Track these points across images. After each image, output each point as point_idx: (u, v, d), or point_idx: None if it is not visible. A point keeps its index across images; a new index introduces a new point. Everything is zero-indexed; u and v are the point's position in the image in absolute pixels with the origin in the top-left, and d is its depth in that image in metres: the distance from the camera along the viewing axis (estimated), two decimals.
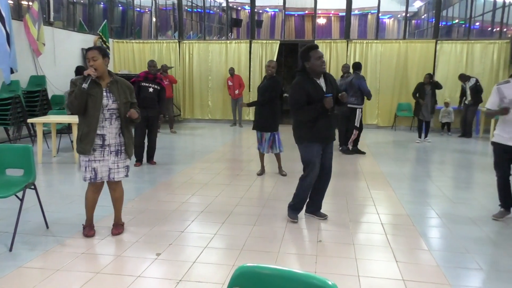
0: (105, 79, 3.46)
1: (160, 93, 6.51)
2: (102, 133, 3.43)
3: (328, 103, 3.69)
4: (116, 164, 3.51)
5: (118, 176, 3.55)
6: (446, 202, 4.83)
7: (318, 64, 3.74)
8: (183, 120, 12.72)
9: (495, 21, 12.37)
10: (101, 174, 3.49)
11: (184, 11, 14.04)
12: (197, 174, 6.07)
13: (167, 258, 3.21)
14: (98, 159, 3.45)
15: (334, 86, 3.92)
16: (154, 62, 6.66)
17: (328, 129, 3.88)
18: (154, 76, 6.53)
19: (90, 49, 3.43)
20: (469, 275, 3.01)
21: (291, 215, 4.08)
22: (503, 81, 4.11)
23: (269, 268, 1.41)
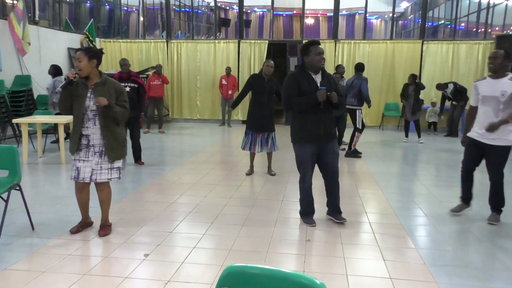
0: (93, 80, 3.44)
1: (138, 91, 6.31)
2: (86, 133, 3.45)
3: (321, 95, 3.64)
4: (99, 166, 3.48)
5: (100, 177, 3.50)
6: (432, 201, 4.89)
7: (317, 59, 3.73)
8: (171, 120, 12.66)
9: (480, 21, 12.57)
10: (83, 174, 3.46)
11: (172, 11, 13.97)
12: (186, 174, 6.04)
13: (156, 259, 3.19)
14: (82, 159, 3.46)
15: (331, 84, 3.85)
16: (126, 61, 6.46)
17: (319, 127, 3.76)
18: (128, 75, 6.31)
19: (78, 50, 3.45)
20: (455, 272, 3.05)
21: (305, 221, 4.00)
22: (480, 78, 4.21)
23: (257, 268, 1.42)
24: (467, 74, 11.07)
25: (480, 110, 4.05)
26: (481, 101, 3.99)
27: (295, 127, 3.88)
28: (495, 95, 3.88)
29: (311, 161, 3.86)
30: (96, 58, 3.42)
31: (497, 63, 3.88)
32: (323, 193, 4.14)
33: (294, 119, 3.91)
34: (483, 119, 3.98)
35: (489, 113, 3.93)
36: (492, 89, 3.92)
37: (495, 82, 3.93)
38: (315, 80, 3.79)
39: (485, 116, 3.96)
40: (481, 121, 4.01)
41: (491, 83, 3.95)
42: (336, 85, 3.96)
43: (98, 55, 3.47)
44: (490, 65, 3.95)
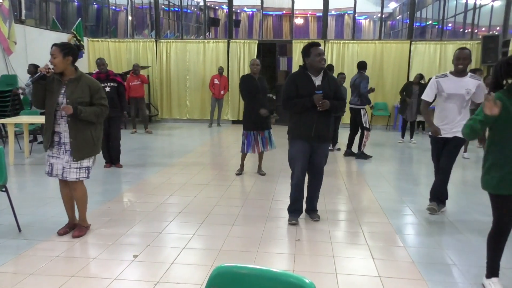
0: (68, 76, 3.38)
1: (118, 90, 6.20)
2: (58, 130, 3.42)
3: (317, 99, 3.70)
4: (69, 164, 3.42)
5: (70, 176, 3.43)
6: (421, 200, 4.93)
7: (317, 60, 3.76)
8: (160, 120, 12.59)
9: (466, 22, 12.73)
10: (56, 171, 3.47)
11: (160, 10, 13.88)
12: (175, 174, 6.01)
13: (145, 260, 3.17)
14: (55, 156, 3.46)
15: (331, 87, 3.86)
16: (103, 60, 6.34)
17: (311, 127, 3.79)
18: (107, 74, 6.21)
19: (53, 45, 3.35)
20: (443, 270, 3.09)
21: (289, 217, 4.04)
22: (441, 75, 4.21)
23: (246, 268, 1.42)
24: None
25: (442, 106, 4.12)
26: (445, 98, 4.07)
27: (291, 125, 3.96)
28: (461, 93, 4.00)
29: (301, 158, 3.89)
30: (71, 55, 3.36)
31: (466, 64, 4.02)
32: None
33: (290, 117, 3.98)
34: (447, 114, 4.08)
35: (454, 110, 4.06)
36: (457, 87, 4.01)
37: (459, 80, 4.03)
38: (314, 82, 3.82)
39: (449, 112, 4.07)
40: (443, 117, 4.11)
41: (456, 81, 4.04)
42: (336, 87, 3.95)
43: (74, 52, 3.39)
44: (460, 66, 4.02)
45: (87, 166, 3.49)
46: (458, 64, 4.03)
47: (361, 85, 7.23)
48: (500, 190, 2.62)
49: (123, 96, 6.33)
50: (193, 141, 9.31)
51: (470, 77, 4.05)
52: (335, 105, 3.85)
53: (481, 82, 4.08)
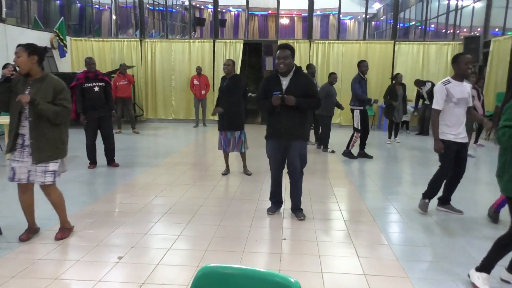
0: (33, 77, 3.31)
1: (105, 90, 6.15)
2: (22, 132, 3.31)
3: (274, 100, 3.84)
4: (34, 168, 3.31)
5: (37, 179, 3.33)
6: (405, 198, 5.00)
7: (276, 64, 3.93)
8: (146, 120, 12.48)
9: (448, 23, 12.96)
10: (19, 175, 3.33)
11: (145, 9, 13.77)
12: (161, 174, 5.97)
13: (130, 261, 3.14)
14: (17, 159, 3.33)
15: (298, 86, 3.90)
16: (92, 59, 6.28)
17: (279, 126, 3.94)
18: (95, 74, 6.14)
19: (18, 46, 3.28)
20: (426, 266, 3.14)
21: (268, 208, 4.34)
22: (445, 81, 4.16)
23: (231, 268, 1.41)
24: (436, 74, 11.38)
25: (452, 111, 4.11)
26: (455, 103, 4.09)
27: (266, 125, 4.19)
28: (465, 97, 4.09)
29: (273, 155, 4.12)
30: (36, 54, 3.28)
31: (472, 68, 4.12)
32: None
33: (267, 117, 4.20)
34: (457, 120, 4.12)
35: (462, 114, 4.13)
36: (461, 91, 4.08)
37: (461, 85, 4.11)
38: (282, 83, 3.94)
39: (459, 118, 4.11)
40: (454, 122, 4.12)
41: (459, 86, 4.10)
42: (307, 85, 3.96)
43: (39, 51, 3.32)
44: (469, 70, 4.08)
45: (53, 170, 3.36)
46: (468, 69, 4.07)
47: (352, 86, 7.20)
48: None
49: (110, 95, 6.29)
50: (179, 141, 9.25)
51: (465, 82, 4.17)
52: (302, 102, 3.88)
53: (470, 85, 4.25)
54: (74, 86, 6.05)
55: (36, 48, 3.32)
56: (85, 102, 6.02)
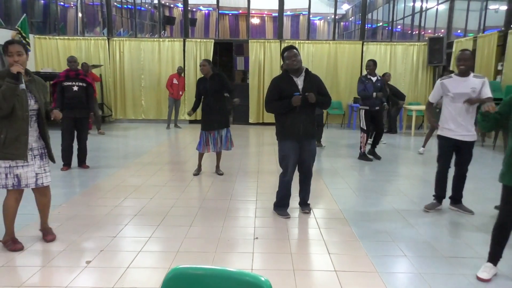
0: (26, 76, 3.23)
1: (87, 91, 6.10)
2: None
3: (295, 101, 3.85)
4: (42, 169, 3.31)
5: (46, 180, 3.35)
6: (374, 195, 5.11)
7: (289, 62, 3.95)
8: (114, 120, 12.21)
9: (414, 24, 13.35)
10: (26, 180, 3.20)
11: (113, 7, 13.46)
12: (130, 176, 5.85)
13: (98, 266, 3.06)
14: (22, 165, 3.17)
15: (313, 85, 4.00)
16: (74, 58, 6.18)
17: (298, 126, 3.96)
18: (76, 73, 6.06)
19: (13, 43, 3.13)
20: (394, 261, 3.22)
21: (279, 212, 4.24)
22: (446, 76, 4.39)
23: (201, 269, 1.40)
24: (403, 74, 11.71)
25: (449, 107, 4.21)
26: (452, 98, 4.17)
27: (278, 126, 4.11)
28: (467, 92, 4.11)
29: (292, 157, 4.07)
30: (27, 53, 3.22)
31: (467, 65, 4.14)
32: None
33: (277, 119, 4.13)
34: (454, 115, 4.18)
35: (461, 110, 4.15)
36: (462, 86, 4.14)
37: (463, 80, 4.16)
38: (296, 82, 3.98)
39: (457, 113, 4.17)
40: (452, 118, 4.19)
41: (460, 81, 4.16)
42: (320, 85, 4.09)
43: (28, 50, 3.27)
44: (461, 66, 4.13)
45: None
46: (459, 65, 4.14)
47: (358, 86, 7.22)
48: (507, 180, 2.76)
49: (92, 97, 6.26)
50: (149, 142, 9.10)
51: (473, 77, 4.17)
52: (321, 100, 4.01)
53: (485, 80, 4.17)
54: (55, 83, 6.03)
55: (26, 46, 3.26)
56: (64, 101, 5.94)
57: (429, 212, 4.41)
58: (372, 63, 7.18)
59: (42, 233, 3.51)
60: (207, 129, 5.73)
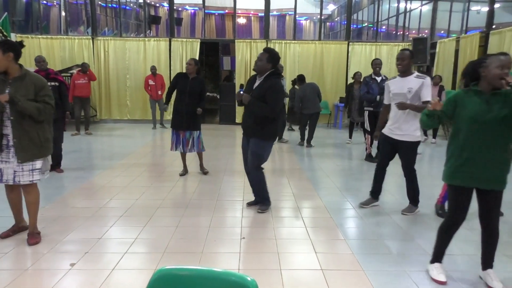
0: (13, 75, 3.20)
1: (60, 90, 5.83)
2: (6, 133, 3.23)
3: (236, 96, 4.24)
4: (20, 167, 3.27)
5: (23, 179, 3.29)
6: (359, 194, 5.15)
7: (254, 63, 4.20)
8: (99, 120, 12.07)
9: (398, 25, 13.51)
10: (6, 176, 3.28)
11: (97, 6, 13.30)
12: (116, 177, 5.79)
13: (83, 268, 3.02)
14: (4, 160, 3.26)
15: (261, 89, 4.04)
16: (43, 57, 6.01)
17: (244, 121, 4.31)
18: (47, 73, 5.83)
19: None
20: (380, 259, 3.25)
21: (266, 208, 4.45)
22: (392, 77, 4.49)
23: (187, 269, 1.39)
24: (388, 74, 11.79)
25: (392, 107, 4.31)
26: (392, 98, 4.28)
27: None
28: (403, 92, 4.18)
29: (243, 150, 4.41)
30: (12, 51, 3.16)
31: (404, 64, 4.18)
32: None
33: None
34: (393, 115, 4.27)
35: (398, 110, 4.19)
36: (400, 86, 4.21)
37: (403, 80, 4.23)
38: (256, 83, 4.20)
39: (395, 112, 4.25)
40: (391, 117, 4.30)
41: (400, 81, 4.25)
42: (268, 91, 4.01)
43: (15, 48, 3.20)
44: (398, 66, 4.22)
45: (40, 168, 3.36)
46: (397, 65, 4.23)
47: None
48: (453, 180, 2.79)
49: (66, 96, 5.99)
50: (135, 142, 9.02)
51: (415, 77, 4.17)
52: (254, 104, 4.08)
53: (426, 80, 4.13)
54: None
55: (11, 44, 3.20)
56: None
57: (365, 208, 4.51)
58: (380, 62, 7.13)
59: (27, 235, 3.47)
60: (175, 127, 5.69)
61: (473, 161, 2.67)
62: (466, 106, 2.68)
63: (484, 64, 2.63)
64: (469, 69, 2.77)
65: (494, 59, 2.61)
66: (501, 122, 2.60)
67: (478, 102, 2.66)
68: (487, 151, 2.64)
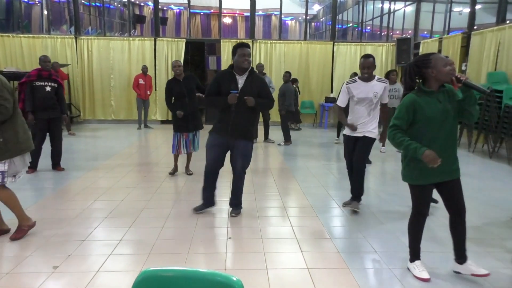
0: None
1: (57, 92, 5.94)
2: None
3: (231, 99, 3.87)
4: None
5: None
6: (346, 193, 5.19)
7: (240, 61, 3.92)
8: (83, 121, 11.90)
9: (382, 25, 13.65)
10: None
11: (80, 5, 13.11)
12: (100, 178, 5.71)
13: (66, 270, 2.97)
14: None
15: (253, 87, 3.97)
16: (48, 58, 6.02)
17: (227, 124, 3.97)
18: (49, 73, 5.89)
19: None
20: (365, 257, 3.29)
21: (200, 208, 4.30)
22: (350, 80, 4.46)
23: (172, 270, 1.38)
24: None
25: (353, 109, 4.38)
26: (356, 102, 4.33)
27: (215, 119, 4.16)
28: (369, 97, 4.27)
29: (213, 150, 4.07)
30: None
31: (371, 72, 4.26)
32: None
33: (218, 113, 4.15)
34: (357, 117, 4.35)
35: (363, 112, 4.32)
36: (365, 91, 4.28)
37: (366, 85, 4.29)
38: (238, 81, 3.96)
39: (359, 115, 4.33)
40: (355, 119, 4.37)
41: (364, 86, 4.30)
42: (261, 87, 4.04)
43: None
44: (365, 74, 4.25)
45: (2, 170, 3.29)
46: (363, 73, 4.27)
47: None
48: (419, 181, 2.85)
49: (63, 98, 6.09)
50: (120, 143, 8.92)
51: (377, 81, 4.31)
52: (260, 103, 4.01)
53: (387, 85, 4.34)
54: (23, 83, 5.78)
55: None
56: (35, 102, 5.73)
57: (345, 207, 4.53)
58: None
59: None
60: (182, 130, 5.67)
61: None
62: (423, 108, 2.73)
63: (431, 64, 2.70)
64: (414, 70, 2.78)
65: (438, 58, 2.71)
66: (455, 116, 2.77)
67: (432, 101, 2.74)
68: (447, 145, 2.77)
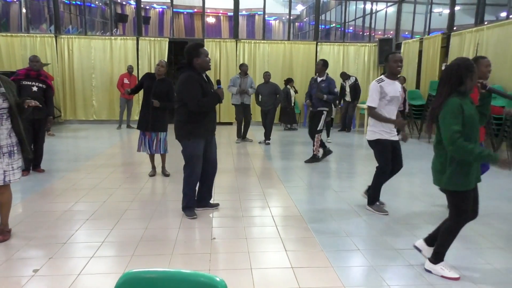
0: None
1: (46, 92, 5.82)
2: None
3: (222, 93, 4.04)
4: (10, 166, 3.35)
5: (14, 178, 3.40)
6: (329, 192, 5.24)
7: (207, 61, 4.00)
8: (64, 121, 11.69)
9: (365, 26, 13.82)
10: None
11: (60, 3, 12.87)
12: (82, 179, 5.62)
13: (47, 274, 2.91)
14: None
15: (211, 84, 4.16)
16: (37, 58, 5.89)
17: (214, 122, 4.14)
18: (38, 73, 5.77)
19: None
20: (348, 256, 3.32)
21: (188, 214, 4.13)
22: (378, 79, 4.23)
23: (154, 272, 1.37)
24: (355, 73, 12.06)
25: (385, 109, 4.16)
26: (388, 101, 4.14)
27: (190, 124, 3.94)
28: (397, 95, 4.19)
29: (201, 156, 4.07)
30: None
31: (402, 66, 4.19)
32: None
33: (188, 116, 3.93)
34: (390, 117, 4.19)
35: (394, 112, 4.22)
36: (394, 89, 4.18)
37: (393, 83, 4.20)
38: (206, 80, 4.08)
39: (391, 115, 4.18)
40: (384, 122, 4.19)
41: (392, 84, 4.18)
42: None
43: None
44: (398, 68, 4.12)
45: (19, 166, 3.47)
46: (398, 67, 4.11)
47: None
48: (468, 186, 2.78)
49: (51, 101, 6.00)
50: (102, 143, 8.79)
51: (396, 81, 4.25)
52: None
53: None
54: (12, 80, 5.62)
55: None
56: None
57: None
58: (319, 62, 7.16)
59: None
60: (141, 128, 5.64)
61: None
62: (467, 110, 2.71)
63: (473, 69, 2.73)
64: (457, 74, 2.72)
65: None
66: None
67: (468, 103, 2.77)
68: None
